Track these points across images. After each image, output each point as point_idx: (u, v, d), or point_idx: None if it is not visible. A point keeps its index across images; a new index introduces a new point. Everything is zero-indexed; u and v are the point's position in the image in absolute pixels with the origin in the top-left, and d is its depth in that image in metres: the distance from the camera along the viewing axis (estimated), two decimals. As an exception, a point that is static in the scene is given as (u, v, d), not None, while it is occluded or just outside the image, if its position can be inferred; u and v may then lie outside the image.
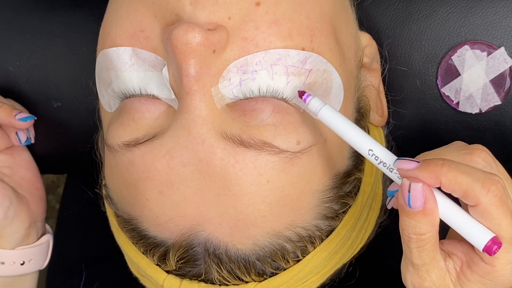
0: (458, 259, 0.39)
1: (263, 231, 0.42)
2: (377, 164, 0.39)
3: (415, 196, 0.36)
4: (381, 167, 0.39)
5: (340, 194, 0.45)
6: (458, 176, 0.36)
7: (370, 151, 0.39)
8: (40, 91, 0.59)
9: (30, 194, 0.58)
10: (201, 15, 0.41)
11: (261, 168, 0.40)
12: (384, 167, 0.39)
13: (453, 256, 0.40)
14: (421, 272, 0.39)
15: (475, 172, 0.36)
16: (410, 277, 0.40)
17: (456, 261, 0.39)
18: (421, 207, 0.36)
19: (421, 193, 0.36)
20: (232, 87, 0.41)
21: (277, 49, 0.41)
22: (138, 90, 0.43)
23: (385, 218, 0.52)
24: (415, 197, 0.36)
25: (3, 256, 0.55)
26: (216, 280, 0.44)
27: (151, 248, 0.44)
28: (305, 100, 0.41)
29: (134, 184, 0.43)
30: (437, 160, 0.37)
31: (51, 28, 0.58)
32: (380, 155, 0.39)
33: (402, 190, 0.37)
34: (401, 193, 0.37)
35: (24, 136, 0.56)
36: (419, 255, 0.38)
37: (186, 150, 0.40)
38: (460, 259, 0.39)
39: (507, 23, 0.52)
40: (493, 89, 0.53)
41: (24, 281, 0.58)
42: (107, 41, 0.44)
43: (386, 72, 0.54)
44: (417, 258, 0.38)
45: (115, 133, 0.43)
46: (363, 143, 0.39)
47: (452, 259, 0.39)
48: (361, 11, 0.54)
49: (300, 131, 0.41)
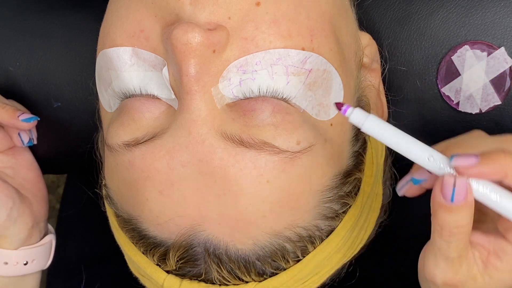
0: (484, 250, 0.39)
1: (263, 231, 0.42)
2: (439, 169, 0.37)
3: (460, 191, 0.36)
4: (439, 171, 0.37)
5: (340, 194, 0.45)
6: None
7: (431, 157, 0.37)
8: (40, 91, 0.59)
9: (33, 195, 0.58)
10: (201, 15, 0.41)
11: (261, 168, 0.40)
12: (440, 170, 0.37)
13: (478, 246, 0.39)
14: (455, 265, 0.39)
15: None
16: (441, 272, 0.39)
17: (482, 252, 0.39)
18: (464, 201, 0.36)
19: (466, 188, 0.36)
20: (232, 87, 0.41)
21: (277, 49, 0.41)
22: (138, 90, 0.43)
23: (385, 218, 0.52)
24: (460, 192, 0.36)
25: (6, 257, 0.55)
26: (216, 280, 0.44)
27: (151, 248, 0.44)
28: (345, 112, 0.38)
29: (134, 184, 0.43)
30: (498, 152, 0.36)
31: (51, 28, 0.58)
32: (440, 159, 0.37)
33: (445, 186, 0.36)
34: (443, 189, 0.36)
35: (26, 137, 0.56)
36: (457, 247, 0.38)
37: (186, 150, 0.40)
38: (486, 250, 0.39)
39: (507, 23, 0.52)
40: (493, 89, 0.53)
41: (27, 281, 0.58)
42: (107, 41, 0.44)
43: (386, 72, 0.54)
44: (455, 251, 0.38)
45: (115, 133, 0.43)
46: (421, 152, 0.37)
47: (477, 250, 0.39)
48: (361, 11, 0.54)
49: (300, 131, 0.41)
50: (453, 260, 0.39)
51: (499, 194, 0.37)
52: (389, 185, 0.52)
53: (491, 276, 0.39)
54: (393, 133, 0.37)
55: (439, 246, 0.39)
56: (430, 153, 0.37)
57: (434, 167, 0.37)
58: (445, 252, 0.38)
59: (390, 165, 0.53)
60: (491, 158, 0.36)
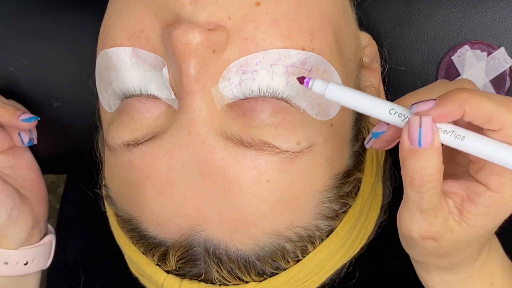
0: (458, 197, 0.39)
1: (263, 231, 0.42)
2: (402, 121, 0.37)
3: (426, 131, 0.35)
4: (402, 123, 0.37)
5: (340, 194, 0.45)
6: (482, 101, 0.35)
7: (392, 110, 0.37)
8: (40, 91, 0.59)
9: (33, 195, 0.58)
10: (201, 15, 0.41)
11: (261, 168, 0.40)
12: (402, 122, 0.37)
13: (451, 195, 0.39)
14: (430, 217, 0.38)
15: (496, 96, 0.36)
16: (417, 225, 0.39)
17: (456, 199, 0.39)
18: (431, 143, 0.36)
19: (432, 126, 0.35)
20: (232, 87, 0.41)
21: (277, 49, 0.41)
22: (138, 90, 0.43)
23: (385, 218, 0.52)
24: (426, 132, 0.35)
25: (7, 257, 0.55)
26: (216, 280, 0.44)
27: (151, 248, 0.44)
28: (307, 85, 0.39)
29: (134, 184, 0.43)
30: (453, 91, 0.36)
31: (51, 28, 0.58)
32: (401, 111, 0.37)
33: (411, 128, 0.36)
34: (409, 132, 0.36)
35: (26, 137, 0.56)
36: (429, 198, 0.37)
37: (186, 150, 0.40)
38: (460, 196, 0.39)
39: (507, 23, 0.52)
40: (493, 89, 0.53)
41: (27, 281, 0.58)
42: (107, 41, 0.44)
43: (386, 72, 0.54)
44: (428, 202, 0.38)
45: (115, 133, 0.43)
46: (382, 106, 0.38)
47: (451, 198, 0.39)
48: (361, 11, 0.54)
49: (300, 131, 0.41)
50: (427, 211, 0.38)
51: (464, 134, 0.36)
52: (389, 185, 0.52)
53: (468, 223, 0.39)
54: (354, 94, 0.38)
55: (412, 198, 0.38)
56: (391, 107, 0.38)
57: (397, 120, 0.37)
58: (418, 204, 0.38)
59: (390, 165, 0.53)
60: (448, 98, 0.36)
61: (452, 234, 0.39)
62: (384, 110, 0.38)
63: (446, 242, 0.40)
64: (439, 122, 0.36)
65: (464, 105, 0.35)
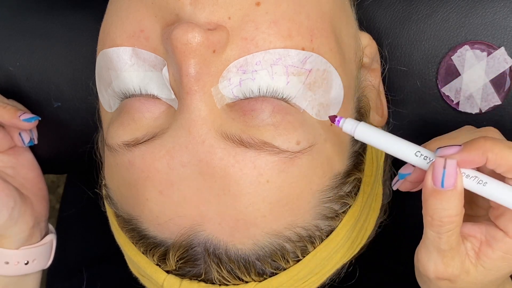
0: (476, 240, 0.40)
1: (263, 231, 0.42)
2: (427, 163, 0.39)
3: (450, 173, 0.37)
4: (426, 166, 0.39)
5: (340, 194, 0.45)
6: (504, 150, 0.37)
7: (418, 152, 0.39)
8: (40, 91, 0.59)
9: (34, 194, 0.58)
10: (201, 15, 0.41)
11: (261, 168, 0.40)
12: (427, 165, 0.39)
13: (469, 238, 0.40)
14: (447, 258, 0.39)
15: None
16: (433, 265, 0.40)
17: (474, 243, 0.40)
18: (454, 186, 0.37)
19: (456, 169, 0.37)
20: (232, 87, 0.41)
21: (277, 49, 0.41)
22: (138, 90, 0.43)
23: (385, 218, 0.52)
24: (449, 174, 0.37)
25: (8, 256, 0.55)
26: (216, 280, 0.44)
27: (151, 248, 0.44)
28: (338, 123, 0.41)
29: (134, 184, 0.43)
30: (478, 139, 0.37)
31: (51, 28, 0.58)
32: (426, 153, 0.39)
33: (436, 169, 0.37)
34: (433, 173, 0.37)
35: (27, 137, 0.56)
36: (447, 239, 0.38)
37: (186, 150, 0.40)
38: (478, 240, 0.40)
39: (507, 23, 0.52)
40: (493, 89, 0.53)
41: (28, 281, 0.58)
42: (107, 41, 0.44)
43: (386, 72, 0.54)
44: (445, 243, 0.38)
45: (115, 133, 0.43)
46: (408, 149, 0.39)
47: (469, 241, 0.40)
48: (361, 11, 0.54)
49: (300, 131, 0.41)
50: (444, 252, 0.39)
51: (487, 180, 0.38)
52: (389, 185, 0.52)
53: (484, 266, 0.40)
54: (382, 136, 0.40)
55: (430, 238, 0.39)
56: (417, 149, 0.39)
57: (422, 163, 0.39)
58: (437, 244, 0.39)
59: (390, 165, 0.53)
60: (472, 145, 0.37)
61: (467, 276, 0.40)
62: (410, 153, 0.39)
63: (461, 283, 0.41)
64: (462, 167, 0.37)
65: (487, 153, 0.37)
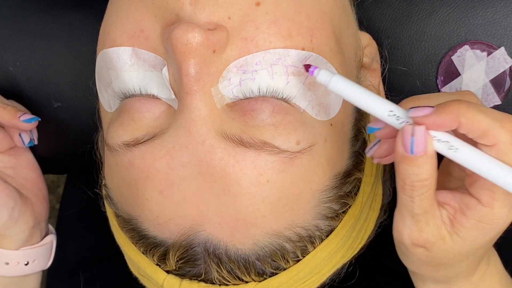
0: (451, 208, 0.39)
1: (263, 231, 0.42)
2: (399, 124, 0.38)
3: (419, 140, 0.36)
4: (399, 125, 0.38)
5: (340, 194, 0.45)
6: (478, 115, 0.35)
7: (391, 112, 0.38)
8: (40, 91, 0.59)
9: (34, 195, 0.58)
10: (201, 15, 0.41)
11: (261, 168, 0.40)
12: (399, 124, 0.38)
13: (445, 205, 0.40)
14: (421, 223, 0.39)
15: (492, 112, 0.36)
16: (408, 231, 0.39)
17: (449, 210, 0.39)
18: (424, 151, 0.36)
19: (424, 136, 0.36)
20: (232, 87, 0.41)
21: (277, 49, 0.41)
22: (138, 90, 0.43)
23: (385, 218, 0.52)
24: (418, 140, 0.36)
25: (8, 257, 0.55)
26: (216, 280, 0.44)
27: (151, 248, 0.44)
28: (312, 73, 0.40)
29: (134, 184, 0.43)
30: (452, 101, 0.36)
31: (51, 28, 0.58)
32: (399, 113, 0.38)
33: (404, 136, 0.36)
34: (402, 139, 0.37)
35: (27, 138, 0.56)
36: (420, 203, 0.38)
37: (186, 150, 0.40)
38: (453, 208, 0.39)
39: (507, 23, 0.52)
40: (493, 89, 0.53)
41: (28, 282, 0.58)
42: (107, 41, 0.44)
43: (386, 72, 0.54)
44: (419, 207, 0.38)
45: (115, 133, 0.43)
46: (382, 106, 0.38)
47: (445, 209, 0.39)
48: (361, 11, 0.54)
49: (300, 131, 0.41)
50: (418, 216, 0.39)
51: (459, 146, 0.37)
52: (389, 185, 0.52)
53: (459, 235, 0.39)
54: (357, 90, 0.39)
55: (404, 202, 0.39)
56: (390, 108, 0.38)
57: (395, 122, 0.38)
58: (410, 209, 0.38)
59: (390, 165, 0.53)
60: (445, 107, 0.36)
61: (443, 244, 0.40)
62: (384, 110, 0.38)
63: (437, 252, 0.40)
64: (433, 130, 0.37)
65: (459, 117, 0.36)
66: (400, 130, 0.37)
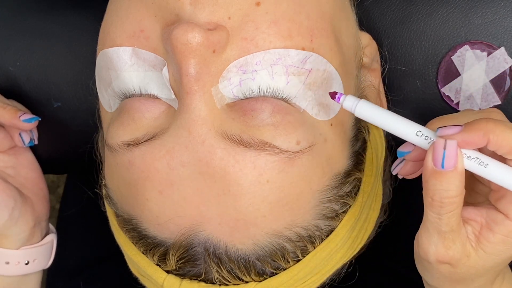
0: (477, 224, 0.40)
1: (263, 231, 0.42)
2: (428, 143, 0.38)
3: (450, 154, 0.36)
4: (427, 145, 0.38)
5: (340, 194, 0.45)
6: (506, 131, 0.36)
7: (419, 132, 0.38)
8: (40, 91, 0.59)
9: (34, 194, 0.58)
10: (201, 15, 0.41)
11: (261, 168, 0.40)
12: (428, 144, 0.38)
13: (470, 221, 0.40)
14: (448, 240, 0.39)
15: None
16: (434, 248, 0.40)
17: (475, 226, 0.40)
18: (454, 166, 0.36)
19: (456, 150, 0.36)
20: (232, 87, 0.41)
21: (277, 49, 0.41)
22: (138, 90, 0.43)
23: (385, 218, 0.52)
24: (450, 155, 0.36)
25: (8, 256, 0.55)
26: (216, 280, 0.44)
27: (151, 248, 0.44)
28: (339, 100, 0.40)
29: (134, 184, 0.43)
30: (480, 120, 0.37)
31: (51, 28, 0.58)
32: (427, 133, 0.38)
33: (436, 150, 0.37)
34: (433, 154, 0.37)
35: (27, 137, 0.56)
36: (448, 221, 0.38)
37: (186, 150, 0.40)
38: (479, 223, 0.40)
39: (507, 23, 0.52)
40: (493, 89, 0.53)
41: (29, 281, 0.58)
42: (107, 41, 0.44)
43: (386, 72, 0.54)
44: (446, 225, 0.38)
45: (115, 133, 0.43)
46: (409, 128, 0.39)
47: (470, 225, 0.40)
48: (361, 11, 0.54)
49: (300, 131, 0.41)
50: (445, 234, 0.39)
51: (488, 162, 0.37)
52: (389, 185, 0.52)
53: (484, 250, 0.39)
54: (383, 113, 0.39)
55: (431, 219, 0.39)
56: (418, 128, 0.38)
57: (423, 142, 0.38)
58: (437, 226, 0.38)
59: (390, 165, 0.53)
60: (474, 125, 0.37)
61: (468, 261, 0.40)
62: (411, 132, 0.39)
63: (461, 268, 0.40)
64: (463, 148, 0.37)
65: (488, 134, 0.36)
66: (431, 146, 0.37)
